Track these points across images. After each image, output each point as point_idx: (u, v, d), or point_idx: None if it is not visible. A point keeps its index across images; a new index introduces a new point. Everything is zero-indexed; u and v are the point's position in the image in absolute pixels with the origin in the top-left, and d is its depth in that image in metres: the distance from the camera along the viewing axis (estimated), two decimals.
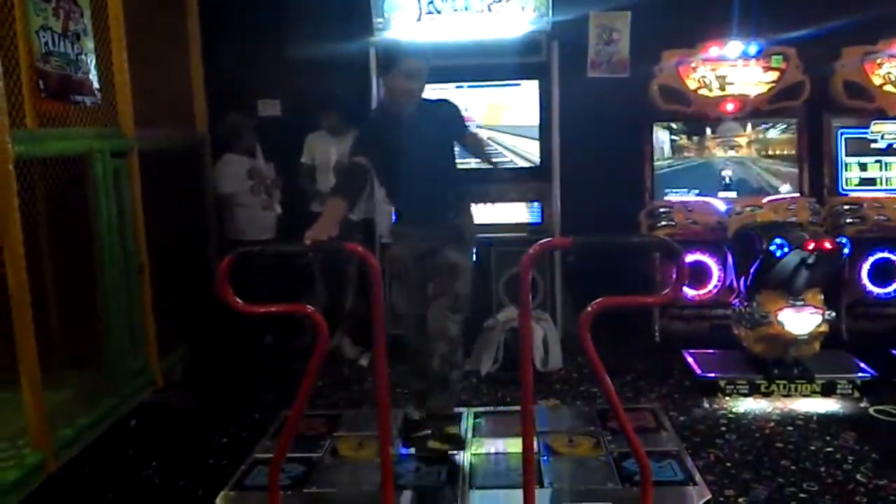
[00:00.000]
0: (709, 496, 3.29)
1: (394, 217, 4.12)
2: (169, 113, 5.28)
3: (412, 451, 3.82)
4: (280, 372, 4.89)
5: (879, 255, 5.27)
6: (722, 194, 5.40)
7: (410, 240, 3.80)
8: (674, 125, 5.45)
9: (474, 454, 3.76)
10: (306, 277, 5.40)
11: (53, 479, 3.55)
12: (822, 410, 4.22)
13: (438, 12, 5.21)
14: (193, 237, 5.50)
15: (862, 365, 4.56)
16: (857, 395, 4.37)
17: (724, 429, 4.03)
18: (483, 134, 4.79)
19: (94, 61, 4.18)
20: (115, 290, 4.27)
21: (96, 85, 4.21)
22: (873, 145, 5.46)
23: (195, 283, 5.23)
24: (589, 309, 2.57)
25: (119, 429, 4.16)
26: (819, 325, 4.37)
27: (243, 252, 2.72)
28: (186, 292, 5.21)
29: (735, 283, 4.81)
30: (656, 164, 5.44)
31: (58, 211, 4.09)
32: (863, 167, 5.47)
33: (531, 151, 5.27)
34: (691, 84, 5.30)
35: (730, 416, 4.20)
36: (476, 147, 3.96)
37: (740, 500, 3.30)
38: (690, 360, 4.75)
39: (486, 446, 3.88)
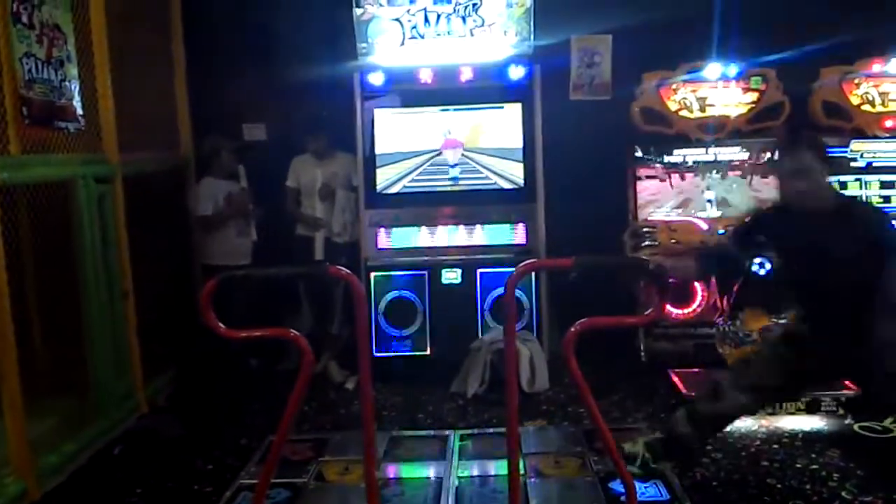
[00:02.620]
0: None
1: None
2: (153, 137, 5.28)
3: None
4: (266, 396, 4.87)
5: None
6: (704, 213, 5.44)
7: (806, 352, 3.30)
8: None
9: (460, 476, 3.74)
10: (293, 301, 5.39)
11: None
12: (806, 428, 4.23)
13: (422, 37, 5.25)
14: (178, 261, 5.49)
15: (846, 382, 4.57)
16: (841, 412, 4.38)
17: (709, 448, 4.02)
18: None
19: (77, 87, 4.20)
20: (100, 315, 4.26)
21: (80, 111, 4.22)
22: (853, 164, 5.51)
23: (180, 307, 5.21)
24: (572, 329, 2.59)
25: (103, 456, 4.13)
26: None
27: (227, 277, 2.72)
28: (171, 317, 5.19)
29: (718, 301, 4.84)
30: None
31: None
32: (843, 186, 5.51)
33: (515, 173, 5.30)
34: (672, 106, 5.36)
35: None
36: None
37: None
38: (676, 379, 4.75)
39: (473, 468, 3.86)
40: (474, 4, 5.21)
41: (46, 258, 4.21)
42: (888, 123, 5.33)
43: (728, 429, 3.70)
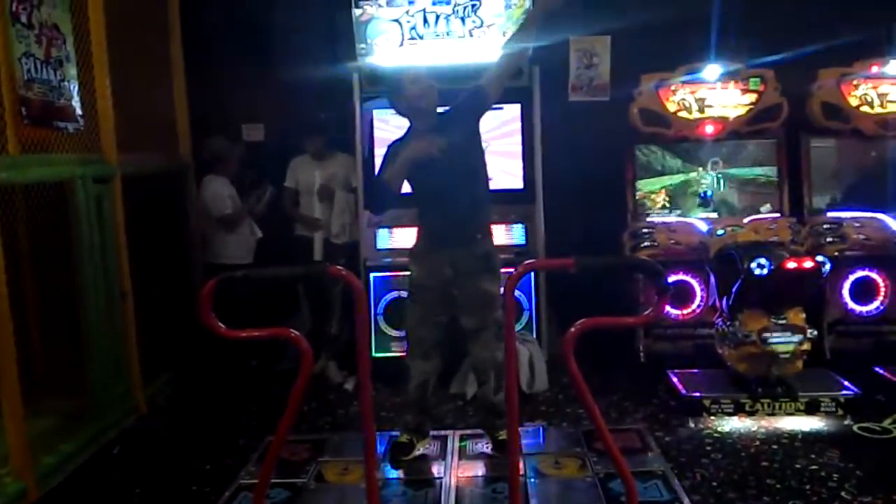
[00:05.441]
0: None
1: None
2: (152, 138, 5.28)
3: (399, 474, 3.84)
4: (265, 397, 4.86)
5: (860, 273, 5.31)
6: (703, 215, 5.45)
7: (436, 262, 3.79)
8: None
9: (461, 477, 3.74)
10: (291, 301, 5.39)
11: None
12: (806, 429, 4.24)
13: (421, 38, 5.25)
14: (177, 262, 5.48)
15: (845, 383, 4.57)
16: (840, 412, 4.39)
17: (709, 448, 4.03)
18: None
19: (76, 87, 4.19)
20: (98, 316, 4.26)
21: (79, 111, 4.21)
22: None
23: (179, 308, 5.21)
24: (572, 330, 2.58)
25: (102, 456, 4.13)
26: (801, 344, 4.40)
27: (226, 277, 2.72)
28: (170, 318, 5.18)
29: (718, 302, 4.84)
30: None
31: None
32: None
33: (514, 174, 5.29)
34: (671, 107, 5.37)
35: (715, 435, 4.21)
36: (504, 65, 3.90)
37: None
38: (675, 379, 4.75)
39: (473, 469, 3.86)
40: (473, 5, 5.20)
41: (45, 258, 4.21)
42: None
43: None
